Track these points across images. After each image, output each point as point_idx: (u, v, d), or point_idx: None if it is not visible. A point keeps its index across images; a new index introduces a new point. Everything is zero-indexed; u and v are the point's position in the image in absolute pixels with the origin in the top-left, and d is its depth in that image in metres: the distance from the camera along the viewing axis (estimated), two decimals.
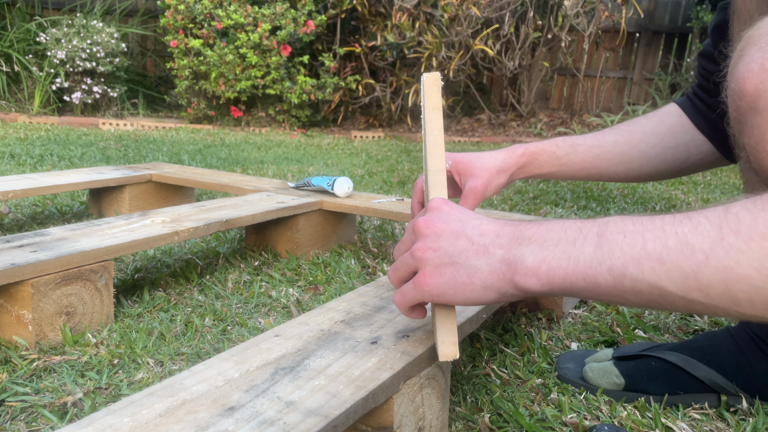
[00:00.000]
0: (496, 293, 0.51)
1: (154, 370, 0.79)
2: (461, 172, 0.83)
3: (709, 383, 0.73)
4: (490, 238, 0.52)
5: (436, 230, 0.54)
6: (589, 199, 2.08)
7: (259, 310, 1.01)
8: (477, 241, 0.52)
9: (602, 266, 0.45)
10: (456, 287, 0.52)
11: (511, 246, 0.51)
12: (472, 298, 0.52)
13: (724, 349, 0.74)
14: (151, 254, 1.28)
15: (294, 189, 1.44)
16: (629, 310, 1.03)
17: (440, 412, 0.63)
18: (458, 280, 0.52)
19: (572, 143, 0.87)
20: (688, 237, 0.43)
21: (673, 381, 0.74)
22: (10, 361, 0.79)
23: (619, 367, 0.77)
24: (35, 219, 1.54)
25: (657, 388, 0.75)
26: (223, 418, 0.45)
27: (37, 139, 3.15)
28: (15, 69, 4.45)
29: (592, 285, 0.46)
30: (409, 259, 0.55)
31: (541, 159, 0.87)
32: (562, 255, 0.48)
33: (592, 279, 0.46)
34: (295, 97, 4.21)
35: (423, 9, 4.27)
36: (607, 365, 0.78)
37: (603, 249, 0.46)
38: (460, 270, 0.52)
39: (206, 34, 4.19)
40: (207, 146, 3.27)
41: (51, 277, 0.83)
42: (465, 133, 4.69)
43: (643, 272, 0.44)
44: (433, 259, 0.53)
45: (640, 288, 0.44)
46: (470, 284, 0.51)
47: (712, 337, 0.76)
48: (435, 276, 0.53)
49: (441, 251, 0.53)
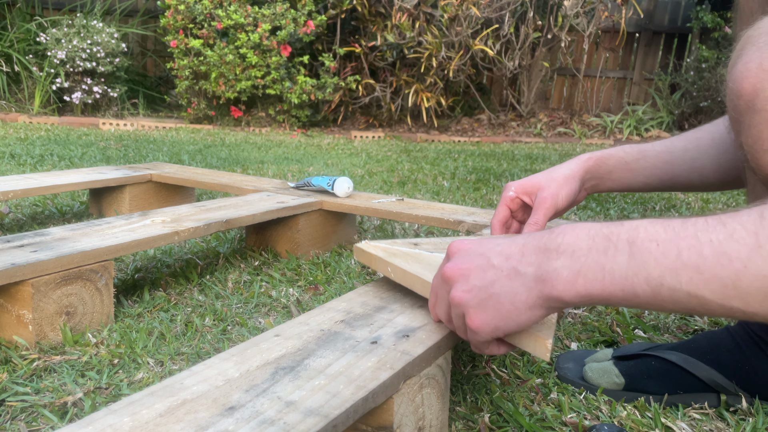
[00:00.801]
0: (541, 309, 0.51)
1: (154, 370, 0.79)
2: (529, 192, 0.81)
3: (709, 382, 0.73)
4: (516, 260, 0.52)
5: (463, 272, 0.54)
6: (589, 199, 2.08)
7: (259, 310, 1.01)
8: (505, 267, 0.52)
9: (638, 277, 0.45)
10: (504, 317, 0.52)
11: (540, 263, 0.50)
12: (522, 321, 0.52)
13: (723, 348, 0.74)
14: (152, 254, 1.28)
15: (294, 189, 1.44)
16: (629, 311, 1.03)
17: (440, 411, 0.63)
18: (503, 310, 0.52)
19: (640, 149, 0.85)
20: (723, 245, 0.42)
21: (673, 380, 0.74)
22: (10, 361, 0.79)
23: (619, 366, 0.77)
24: (35, 219, 1.54)
25: (657, 387, 0.75)
26: (223, 417, 0.45)
27: (37, 139, 3.15)
28: (15, 69, 4.45)
29: (631, 295, 0.46)
30: (454, 310, 0.56)
31: (610, 164, 0.85)
32: (596, 266, 0.47)
33: (630, 290, 0.46)
34: (295, 97, 4.21)
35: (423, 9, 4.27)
36: (607, 365, 0.78)
37: (637, 259, 0.45)
38: (500, 299, 0.52)
39: (206, 35, 4.19)
40: (207, 146, 3.27)
41: (51, 277, 0.83)
42: (465, 133, 4.69)
43: (681, 282, 0.43)
44: (471, 300, 0.53)
45: (678, 297, 0.44)
46: (515, 309, 0.51)
47: (711, 337, 0.76)
48: (480, 314, 0.53)
49: (475, 290, 0.53)
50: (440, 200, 1.97)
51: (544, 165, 3.09)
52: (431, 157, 3.32)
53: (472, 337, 0.56)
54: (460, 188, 2.24)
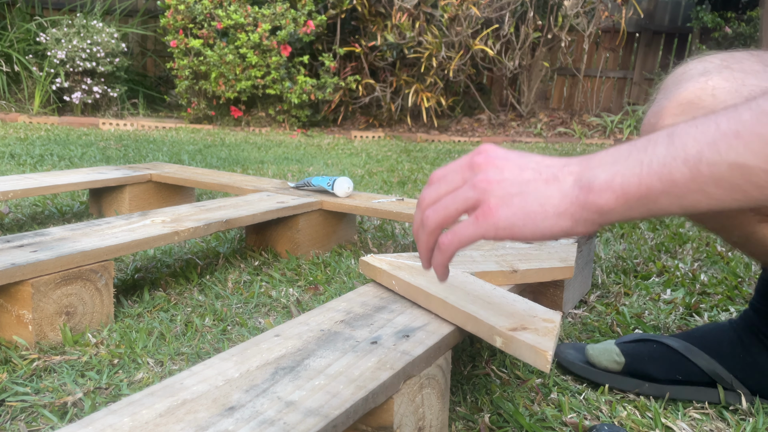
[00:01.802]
0: (569, 219, 0.48)
1: (154, 370, 0.79)
2: None
3: (709, 372, 0.73)
4: (558, 167, 0.50)
5: (498, 164, 0.51)
6: None
7: (259, 310, 1.01)
8: (545, 171, 0.50)
9: (677, 161, 0.43)
10: (526, 217, 0.49)
11: (581, 171, 0.48)
12: (543, 227, 0.49)
13: (726, 339, 0.74)
14: (151, 254, 1.28)
15: (294, 189, 1.44)
16: (629, 310, 1.03)
17: (440, 412, 0.63)
18: (528, 209, 0.49)
19: None
20: (762, 106, 0.41)
21: (673, 365, 0.75)
22: (10, 361, 0.79)
23: (621, 347, 0.78)
24: (35, 219, 1.54)
25: (656, 370, 0.75)
26: (223, 417, 0.45)
27: (37, 139, 3.15)
28: (15, 69, 4.45)
29: (669, 184, 0.43)
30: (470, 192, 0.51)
31: None
32: (635, 163, 0.45)
33: (667, 177, 0.43)
34: (295, 97, 4.21)
35: (423, 9, 4.27)
36: (609, 344, 0.79)
37: (675, 144, 0.44)
38: (529, 199, 0.49)
39: (206, 34, 4.19)
40: (207, 146, 3.27)
41: (51, 277, 0.83)
42: (465, 133, 4.69)
43: (720, 152, 0.41)
44: (497, 190, 0.50)
45: (719, 173, 0.41)
46: (542, 212, 0.49)
47: (714, 328, 0.77)
48: (503, 207, 0.49)
49: (506, 183, 0.50)
50: None
51: None
52: (431, 157, 3.32)
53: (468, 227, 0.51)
54: None
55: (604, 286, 1.18)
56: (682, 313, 1.04)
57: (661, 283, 1.19)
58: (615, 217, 0.47)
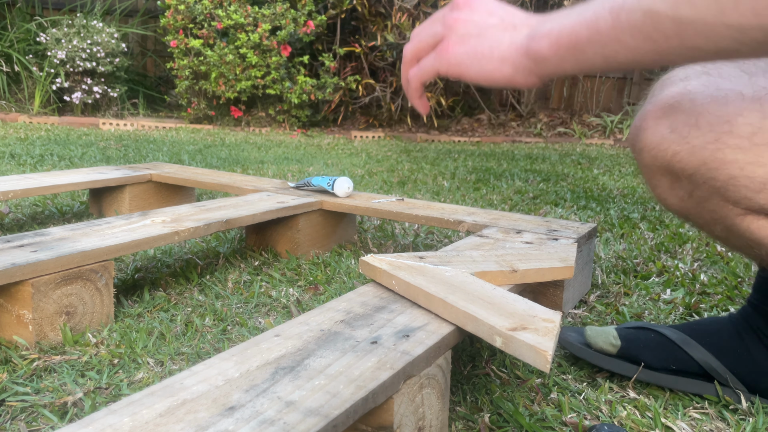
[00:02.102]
0: (510, 66, 0.52)
1: (155, 370, 0.79)
2: None
3: (704, 365, 0.73)
4: (520, 19, 0.54)
5: (473, 6, 0.56)
6: (589, 199, 2.08)
7: (259, 310, 1.01)
8: (507, 20, 0.54)
9: (605, 9, 0.46)
10: (474, 57, 0.54)
11: (537, 25, 0.52)
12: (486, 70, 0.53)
13: (724, 334, 0.75)
14: (152, 254, 1.28)
15: (294, 189, 1.44)
16: (629, 310, 1.03)
17: (440, 411, 0.63)
18: (478, 51, 0.54)
19: None
20: None
21: (668, 355, 0.75)
22: (10, 361, 0.79)
23: (619, 331, 0.79)
24: (35, 219, 1.54)
25: (651, 358, 0.76)
26: (223, 417, 0.45)
27: (37, 139, 3.15)
28: (15, 69, 4.45)
29: (594, 33, 0.47)
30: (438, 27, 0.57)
31: None
32: (576, 14, 0.49)
33: (594, 26, 0.47)
34: (295, 97, 4.21)
35: (423, 9, 4.27)
36: (607, 327, 0.80)
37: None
38: (483, 42, 0.54)
39: (206, 35, 4.19)
40: (207, 146, 3.27)
41: (51, 276, 0.83)
42: (465, 133, 4.69)
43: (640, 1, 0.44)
44: (461, 29, 0.55)
45: (634, 20, 0.44)
46: (489, 56, 0.53)
47: (713, 322, 0.77)
48: (458, 45, 0.55)
49: (471, 23, 0.55)
50: (440, 200, 1.97)
51: (544, 165, 3.09)
52: (431, 157, 3.32)
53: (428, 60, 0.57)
54: (460, 188, 2.24)
55: (604, 286, 1.18)
56: (682, 313, 1.04)
57: (661, 283, 1.19)
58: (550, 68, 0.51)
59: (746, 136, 0.54)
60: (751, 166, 0.54)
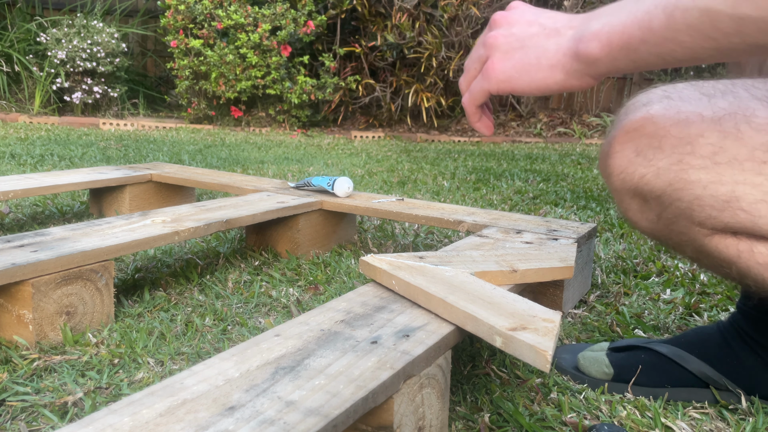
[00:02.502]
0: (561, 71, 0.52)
1: (155, 370, 0.79)
2: None
3: (700, 375, 0.74)
4: (562, 23, 0.53)
5: (510, 20, 0.56)
6: (589, 199, 2.08)
7: (259, 310, 1.01)
8: (549, 26, 0.53)
9: (657, 8, 0.45)
10: (522, 69, 0.53)
11: (581, 25, 0.51)
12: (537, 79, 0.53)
13: (712, 342, 0.75)
14: (152, 254, 1.28)
15: (294, 189, 1.44)
16: (629, 310, 1.03)
17: (440, 411, 0.63)
18: (525, 62, 0.53)
19: None
20: None
21: (663, 373, 0.75)
22: (10, 361, 0.79)
23: (611, 357, 0.79)
24: (36, 219, 1.54)
25: (647, 380, 0.76)
26: (223, 417, 0.45)
27: (37, 139, 3.15)
28: (15, 69, 4.45)
29: (647, 32, 0.46)
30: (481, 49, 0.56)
31: None
32: (626, 13, 0.48)
33: (647, 25, 0.46)
34: (295, 97, 4.21)
35: (423, 9, 4.27)
36: (599, 355, 0.79)
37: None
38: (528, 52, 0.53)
39: (206, 35, 4.19)
40: (207, 146, 3.27)
41: (51, 276, 0.83)
42: (465, 133, 4.69)
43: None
44: (503, 45, 0.55)
45: (691, 19, 0.43)
46: (536, 65, 0.53)
47: (701, 332, 0.77)
48: (503, 61, 0.54)
49: (512, 37, 0.54)
50: (440, 200, 1.97)
51: (544, 165, 3.09)
52: (431, 157, 3.32)
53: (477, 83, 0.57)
54: (460, 188, 2.24)
55: (603, 286, 1.18)
56: (681, 313, 1.04)
57: (661, 283, 1.20)
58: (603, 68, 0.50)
59: (708, 155, 0.55)
60: (714, 185, 0.55)
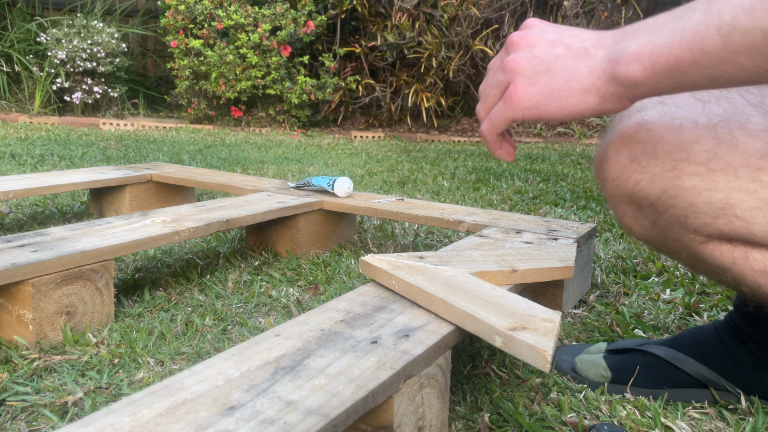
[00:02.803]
0: (596, 95, 0.47)
1: (155, 370, 0.79)
2: None
3: (697, 376, 0.74)
4: (591, 42, 0.48)
5: (531, 41, 0.51)
6: (589, 199, 2.08)
7: (259, 310, 1.01)
8: (576, 46, 0.49)
9: (710, 28, 0.41)
10: (551, 95, 0.48)
11: (614, 44, 0.47)
12: (568, 105, 0.48)
13: (709, 342, 0.75)
14: (152, 254, 1.29)
15: (294, 189, 1.44)
16: (629, 310, 1.03)
17: (440, 411, 0.63)
18: (554, 87, 0.48)
19: None
20: None
21: (661, 375, 0.75)
22: (10, 361, 0.79)
23: (608, 360, 0.79)
24: (36, 219, 1.54)
25: (644, 383, 0.76)
26: (223, 417, 0.45)
27: (37, 139, 3.15)
28: (15, 69, 4.45)
29: (699, 54, 0.42)
30: (500, 75, 0.51)
31: None
32: (668, 32, 0.43)
33: (698, 47, 0.42)
34: (295, 97, 4.21)
35: (423, 9, 4.27)
36: (596, 358, 0.79)
37: (712, 11, 0.41)
38: (556, 77, 0.48)
39: (206, 35, 4.19)
40: (207, 146, 3.27)
41: (51, 276, 0.83)
42: (465, 133, 4.69)
43: (755, 18, 0.39)
44: (526, 69, 0.49)
45: (752, 41, 0.40)
46: (567, 89, 0.48)
47: (697, 332, 0.77)
48: (528, 86, 0.49)
49: (535, 60, 0.49)
50: (440, 200, 1.97)
51: (543, 165, 3.09)
52: (431, 157, 3.32)
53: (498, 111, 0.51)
54: (460, 188, 2.24)
55: (603, 285, 1.18)
56: (681, 312, 1.04)
57: (661, 282, 1.20)
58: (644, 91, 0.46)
59: (702, 162, 0.54)
60: (708, 192, 0.54)
